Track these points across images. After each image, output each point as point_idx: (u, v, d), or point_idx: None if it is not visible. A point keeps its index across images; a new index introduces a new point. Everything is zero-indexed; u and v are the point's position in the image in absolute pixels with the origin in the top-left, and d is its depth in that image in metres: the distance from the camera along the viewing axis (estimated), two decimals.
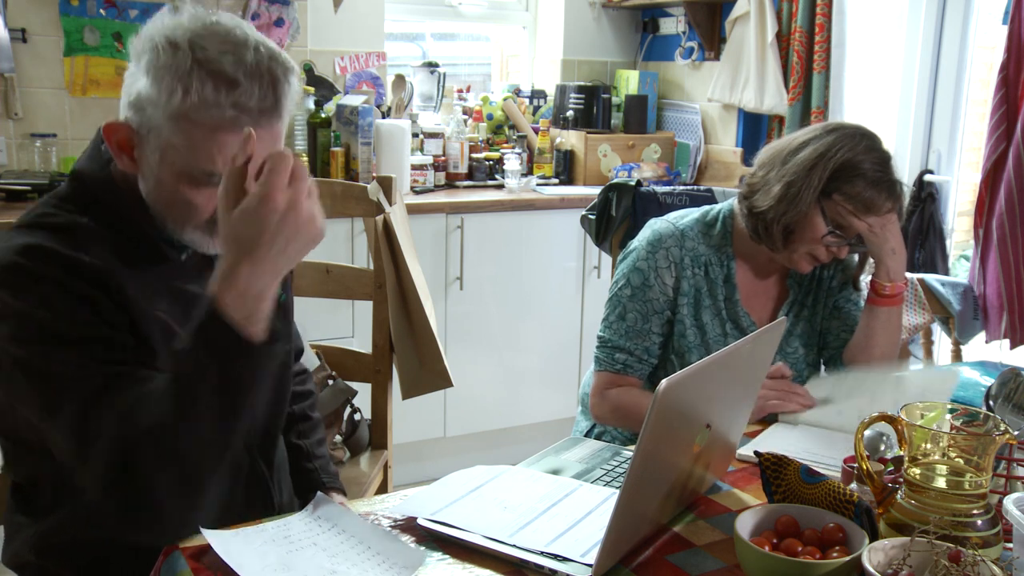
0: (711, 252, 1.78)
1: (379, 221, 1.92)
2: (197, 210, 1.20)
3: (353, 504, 1.30)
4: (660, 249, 1.76)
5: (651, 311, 1.76)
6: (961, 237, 3.35)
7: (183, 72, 1.12)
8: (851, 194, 1.64)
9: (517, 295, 3.45)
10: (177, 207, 1.20)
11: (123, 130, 1.19)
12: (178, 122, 1.14)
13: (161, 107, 1.14)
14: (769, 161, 1.72)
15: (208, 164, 1.16)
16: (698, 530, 1.25)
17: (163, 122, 1.14)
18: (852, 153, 1.64)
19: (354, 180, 3.30)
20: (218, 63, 1.12)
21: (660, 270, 1.76)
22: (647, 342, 1.77)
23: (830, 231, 1.67)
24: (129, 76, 1.19)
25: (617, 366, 1.78)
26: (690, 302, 1.77)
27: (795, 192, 1.65)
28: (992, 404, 1.42)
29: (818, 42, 3.26)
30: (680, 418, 1.13)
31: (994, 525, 1.07)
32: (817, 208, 1.66)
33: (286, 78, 1.17)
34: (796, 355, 1.81)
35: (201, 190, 1.18)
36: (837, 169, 1.64)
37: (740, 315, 1.78)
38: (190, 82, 1.11)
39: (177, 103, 1.12)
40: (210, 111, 1.12)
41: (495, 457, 3.10)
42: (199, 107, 1.12)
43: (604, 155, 3.79)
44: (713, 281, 1.78)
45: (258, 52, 1.14)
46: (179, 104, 1.12)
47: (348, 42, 3.65)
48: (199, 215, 1.21)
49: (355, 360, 2.00)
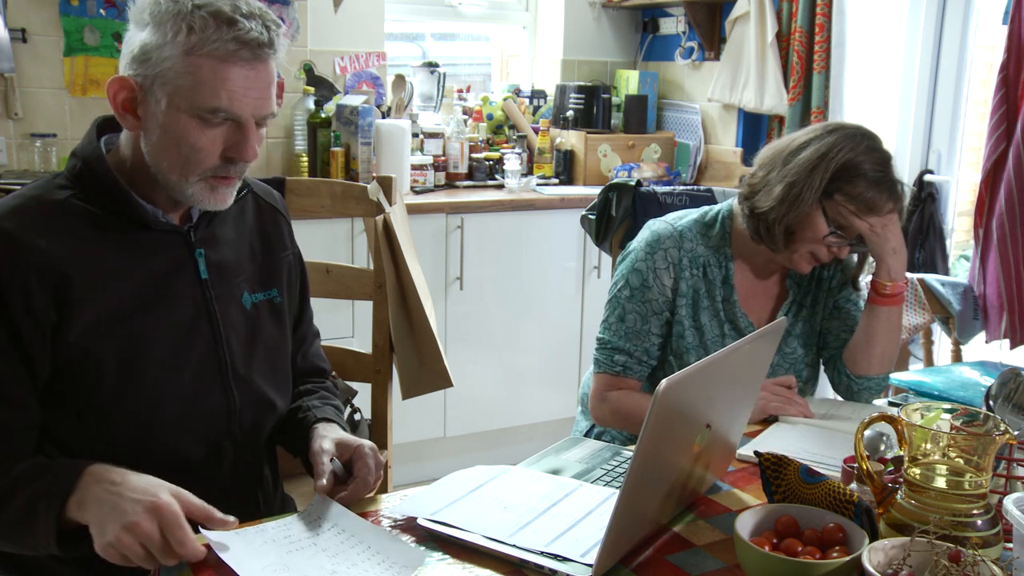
0: (709, 253, 1.78)
1: (379, 221, 1.92)
2: (202, 154, 1.25)
3: (353, 504, 1.30)
4: (658, 250, 1.76)
5: (650, 312, 1.76)
6: (961, 237, 3.35)
7: (185, 14, 1.20)
8: (852, 194, 1.64)
9: (517, 295, 3.45)
10: (183, 153, 1.25)
11: (126, 86, 1.24)
12: (184, 58, 1.20)
13: (167, 47, 1.21)
14: (770, 161, 1.72)
15: (214, 99, 1.22)
16: (698, 530, 1.25)
17: (170, 64, 1.21)
18: (853, 153, 1.64)
19: (354, 180, 3.30)
20: (216, 5, 1.21)
21: (659, 271, 1.76)
22: (646, 343, 1.77)
23: (831, 231, 1.67)
24: (128, 37, 1.25)
25: (617, 368, 1.78)
26: (688, 303, 1.77)
27: (797, 193, 1.65)
28: (992, 404, 1.42)
29: (818, 42, 3.26)
30: (680, 418, 1.13)
31: (994, 525, 1.07)
32: (818, 208, 1.66)
33: (275, 27, 1.26)
34: (795, 355, 1.81)
35: (207, 131, 1.24)
36: (838, 170, 1.64)
37: (738, 316, 1.78)
38: (193, 20, 1.20)
39: (183, 40, 1.20)
40: (213, 44, 1.20)
41: (495, 457, 3.10)
42: (203, 42, 1.20)
43: (604, 155, 3.79)
44: (711, 282, 1.78)
45: (248, 3, 1.25)
46: (184, 41, 1.20)
47: (348, 42, 3.65)
48: (205, 159, 1.25)
49: (355, 360, 2.00)
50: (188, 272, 1.34)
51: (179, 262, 1.33)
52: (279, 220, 1.51)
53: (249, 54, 1.23)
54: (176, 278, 1.32)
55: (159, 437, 1.30)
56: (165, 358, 1.30)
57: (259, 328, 1.42)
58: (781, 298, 1.84)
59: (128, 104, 1.25)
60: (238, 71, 1.22)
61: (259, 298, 1.43)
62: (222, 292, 1.37)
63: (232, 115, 1.24)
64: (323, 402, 1.51)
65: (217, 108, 1.23)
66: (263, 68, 1.25)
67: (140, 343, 1.27)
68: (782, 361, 1.80)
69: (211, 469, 1.36)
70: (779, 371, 1.78)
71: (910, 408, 1.13)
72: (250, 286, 1.42)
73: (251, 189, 1.48)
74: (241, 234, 1.44)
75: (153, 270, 1.30)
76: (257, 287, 1.44)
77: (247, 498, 1.43)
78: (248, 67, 1.23)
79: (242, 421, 1.38)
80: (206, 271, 1.35)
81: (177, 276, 1.33)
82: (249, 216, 1.46)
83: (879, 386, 1.80)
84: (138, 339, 1.27)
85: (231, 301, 1.39)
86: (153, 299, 1.29)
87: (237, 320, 1.39)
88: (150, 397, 1.28)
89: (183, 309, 1.32)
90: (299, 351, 1.56)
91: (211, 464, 1.36)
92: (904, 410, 1.12)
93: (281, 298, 1.47)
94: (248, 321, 1.41)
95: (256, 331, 1.42)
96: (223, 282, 1.38)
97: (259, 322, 1.43)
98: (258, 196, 1.50)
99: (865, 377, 1.77)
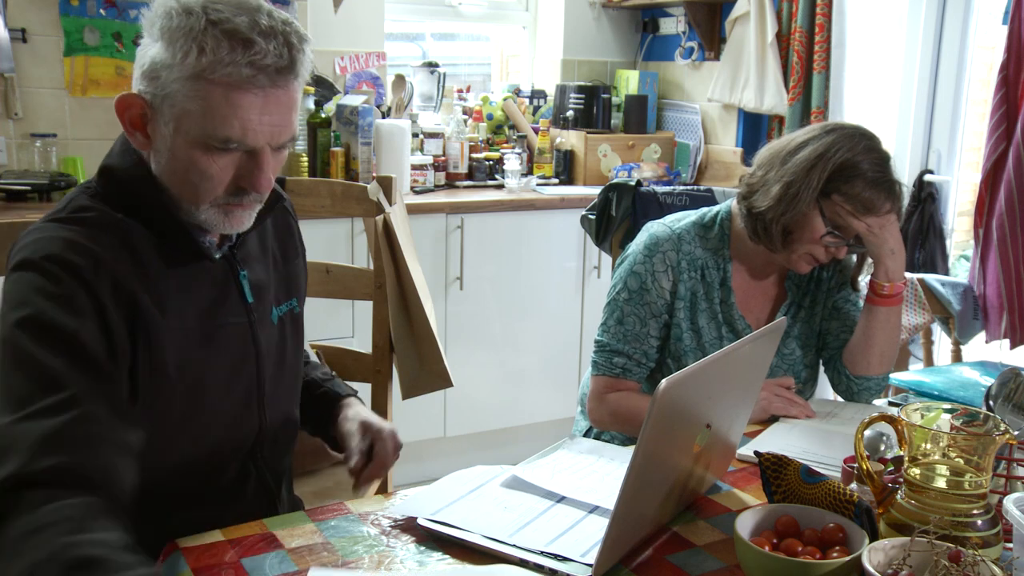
0: (708, 255, 1.78)
1: (379, 221, 1.92)
2: (212, 181, 1.17)
3: (353, 504, 1.30)
4: (657, 253, 1.76)
5: (649, 315, 1.76)
6: (961, 237, 3.35)
7: (197, 32, 1.10)
8: (850, 194, 1.64)
9: (517, 295, 3.45)
10: (192, 180, 1.17)
11: (136, 103, 1.16)
12: (193, 83, 1.11)
13: (176, 69, 1.11)
14: (768, 161, 1.72)
15: (224, 129, 1.13)
16: (698, 530, 1.25)
17: (178, 86, 1.11)
18: (851, 153, 1.63)
19: (354, 180, 3.30)
20: (232, 23, 1.10)
21: (657, 274, 1.75)
22: (645, 345, 1.77)
23: (829, 231, 1.66)
24: (141, 48, 1.16)
25: (616, 370, 1.78)
26: (686, 305, 1.77)
27: (794, 192, 1.65)
28: (992, 404, 1.42)
29: (818, 42, 3.26)
30: (680, 418, 1.13)
31: (994, 525, 1.07)
32: (816, 208, 1.65)
33: (300, 43, 1.15)
34: (793, 356, 1.81)
35: (216, 158, 1.15)
36: (836, 170, 1.63)
37: (736, 318, 1.78)
38: (205, 40, 1.09)
39: (192, 63, 1.10)
40: (226, 68, 1.10)
41: (495, 457, 3.09)
42: (215, 65, 1.10)
43: (604, 155, 3.79)
44: (709, 284, 1.77)
45: (271, 16, 1.13)
46: (194, 64, 1.10)
47: (348, 42, 3.65)
48: (215, 188, 1.17)
49: (355, 360, 2.00)
50: (235, 297, 1.29)
51: (227, 288, 1.28)
52: (291, 224, 1.46)
53: (266, 80, 1.12)
54: (226, 306, 1.27)
55: (199, 460, 1.27)
56: (218, 391, 1.26)
57: (284, 344, 1.38)
58: (780, 300, 1.83)
59: (138, 121, 1.17)
60: (252, 99, 1.12)
61: (283, 311, 1.39)
62: (261, 314, 1.33)
63: (245, 146, 1.15)
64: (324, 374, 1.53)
65: (228, 138, 1.13)
66: (282, 94, 1.15)
67: (200, 382, 1.23)
68: (780, 362, 1.80)
69: (239, 487, 1.34)
70: (777, 372, 1.78)
71: (910, 408, 1.13)
72: (276, 299, 1.38)
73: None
74: (264, 246, 1.39)
75: (207, 300, 1.24)
76: (281, 299, 1.39)
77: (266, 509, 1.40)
78: (264, 94, 1.13)
79: (270, 441, 1.36)
80: (251, 294, 1.31)
81: (227, 304, 1.27)
82: (269, 226, 1.41)
83: (879, 386, 1.80)
84: (199, 379, 1.22)
85: (265, 320, 1.34)
86: (210, 332, 1.24)
87: (269, 339, 1.34)
88: (200, 428, 1.25)
89: (234, 337, 1.28)
90: None
91: (239, 482, 1.34)
92: (904, 410, 1.12)
93: (300, 307, 1.43)
94: (276, 338, 1.36)
95: (283, 348, 1.38)
96: (261, 303, 1.33)
97: (284, 337, 1.38)
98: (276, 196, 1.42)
99: (865, 377, 1.77)
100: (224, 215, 1.20)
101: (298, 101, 1.18)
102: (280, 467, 1.42)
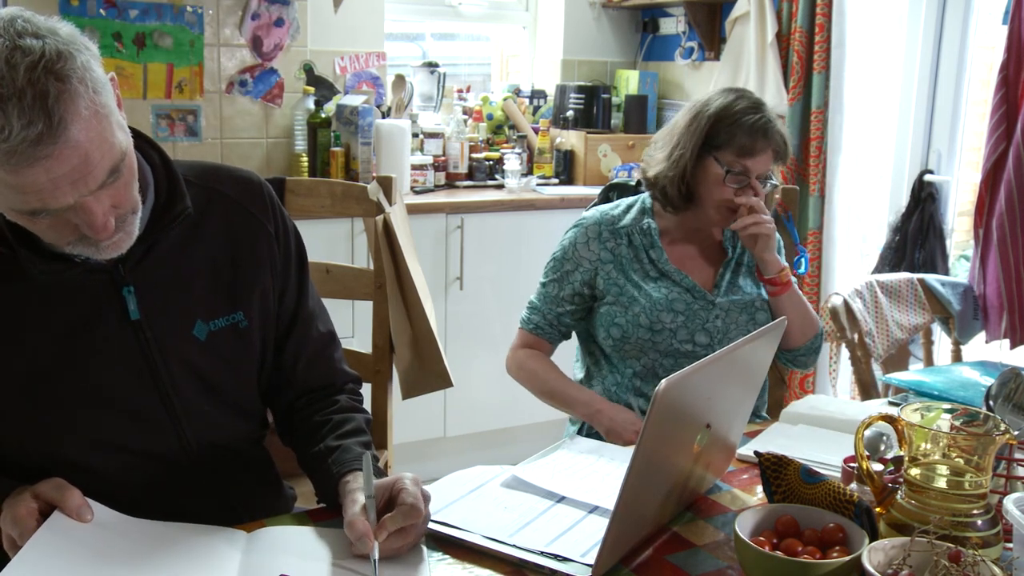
0: (632, 224, 1.87)
1: (379, 221, 1.92)
2: (54, 235, 1.08)
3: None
4: (580, 227, 1.88)
5: (566, 280, 1.88)
6: (961, 237, 3.35)
7: None
8: (731, 142, 1.75)
9: (517, 295, 3.44)
10: (35, 234, 1.10)
11: None
12: None
13: None
14: (658, 138, 1.88)
15: (27, 204, 1.01)
16: (698, 530, 1.25)
17: None
18: (725, 101, 1.78)
19: (354, 180, 3.30)
20: None
21: (578, 245, 1.87)
22: (559, 309, 1.90)
23: (727, 172, 1.76)
24: None
25: (530, 326, 1.97)
26: (616, 268, 1.84)
27: (680, 152, 1.79)
28: (992, 404, 1.42)
29: (818, 42, 3.26)
30: (680, 418, 1.13)
31: (994, 525, 1.07)
32: (706, 160, 1.77)
33: (61, 80, 0.99)
34: (751, 295, 1.86)
35: (43, 220, 1.05)
36: (714, 121, 1.76)
37: (671, 272, 1.84)
38: None
39: None
40: None
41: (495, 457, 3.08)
42: None
43: (604, 155, 3.79)
44: (637, 248, 1.86)
45: (12, 58, 0.97)
46: None
47: (348, 42, 3.64)
48: (61, 238, 1.09)
49: (355, 360, 1.99)
50: (113, 315, 1.19)
51: (105, 303, 1.18)
52: (255, 227, 1.31)
53: (30, 155, 0.96)
54: (98, 324, 1.18)
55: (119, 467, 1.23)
56: (95, 415, 1.19)
57: (217, 362, 1.27)
58: (720, 258, 1.90)
59: None
60: (30, 172, 0.97)
61: (218, 325, 1.26)
62: (165, 330, 1.22)
63: (55, 210, 1.03)
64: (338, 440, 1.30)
65: (35, 210, 1.02)
66: (60, 151, 0.98)
67: (59, 406, 1.17)
68: (737, 309, 1.85)
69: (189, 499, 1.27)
70: (735, 315, 1.84)
71: (910, 408, 1.13)
72: (206, 313, 1.26)
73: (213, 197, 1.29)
74: (195, 253, 1.26)
75: (70, 317, 1.16)
76: (218, 312, 1.27)
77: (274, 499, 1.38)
78: (38, 164, 0.97)
79: (208, 459, 1.29)
80: (137, 311, 1.19)
81: (99, 322, 1.18)
82: (214, 228, 1.28)
83: (814, 347, 1.91)
84: (57, 403, 1.16)
85: (178, 336, 1.23)
86: (73, 347, 1.16)
87: (188, 355, 1.24)
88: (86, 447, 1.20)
89: (108, 353, 1.18)
90: (299, 359, 1.38)
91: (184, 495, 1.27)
92: (904, 410, 1.12)
93: (248, 322, 1.30)
94: (204, 353, 1.25)
95: (215, 366, 1.27)
96: (166, 318, 1.22)
97: (217, 355, 1.27)
98: (231, 201, 1.30)
99: (795, 349, 1.89)
100: (93, 247, 1.10)
101: (93, 133, 1.01)
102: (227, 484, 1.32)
